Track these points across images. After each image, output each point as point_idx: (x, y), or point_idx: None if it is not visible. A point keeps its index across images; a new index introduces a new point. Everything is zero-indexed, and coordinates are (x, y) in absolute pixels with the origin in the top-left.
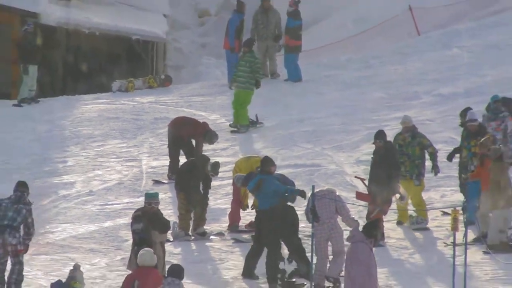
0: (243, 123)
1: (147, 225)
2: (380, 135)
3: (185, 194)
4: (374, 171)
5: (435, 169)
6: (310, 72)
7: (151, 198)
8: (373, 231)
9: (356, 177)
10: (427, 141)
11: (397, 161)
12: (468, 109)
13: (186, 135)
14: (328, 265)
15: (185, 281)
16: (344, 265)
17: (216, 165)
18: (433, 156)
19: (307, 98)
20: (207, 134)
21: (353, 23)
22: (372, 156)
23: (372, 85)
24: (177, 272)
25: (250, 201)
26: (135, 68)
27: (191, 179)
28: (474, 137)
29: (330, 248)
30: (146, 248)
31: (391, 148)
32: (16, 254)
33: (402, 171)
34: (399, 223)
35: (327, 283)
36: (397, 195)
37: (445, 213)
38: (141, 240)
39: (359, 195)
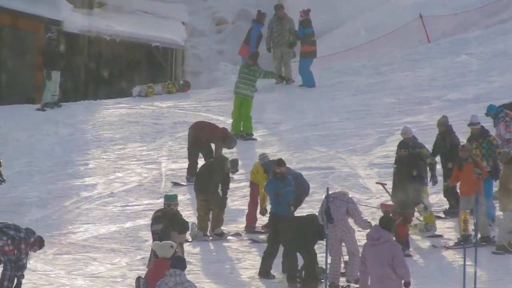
0: (249, 132)
1: (166, 226)
2: (404, 144)
3: (204, 195)
4: (397, 180)
5: (433, 179)
6: (323, 78)
7: (171, 200)
8: (392, 225)
9: (377, 182)
10: (426, 151)
11: (420, 171)
12: (442, 118)
13: (205, 139)
14: (342, 265)
15: (203, 280)
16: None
17: (235, 162)
18: (432, 166)
19: (321, 103)
20: (226, 139)
21: (365, 31)
22: (394, 165)
23: (383, 91)
24: (179, 263)
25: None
26: (155, 74)
27: (210, 180)
28: (476, 140)
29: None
30: (165, 241)
31: (414, 158)
32: (5, 253)
33: None
34: None
35: (342, 282)
36: (421, 205)
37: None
38: (160, 240)
39: (384, 206)
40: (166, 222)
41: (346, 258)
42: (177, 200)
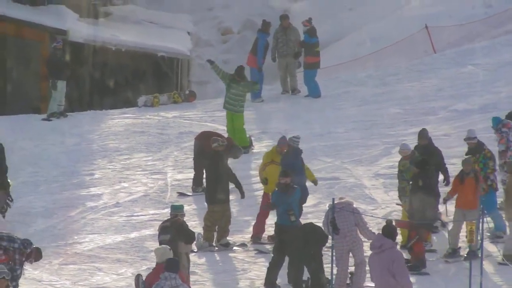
0: (245, 145)
1: (174, 236)
2: (419, 163)
3: (213, 207)
4: (413, 198)
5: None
6: (329, 88)
7: (177, 210)
8: (395, 233)
9: (397, 204)
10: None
11: (437, 188)
12: (424, 130)
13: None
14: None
15: None
16: (374, 274)
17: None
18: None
19: (327, 114)
20: (232, 148)
21: (371, 41)
22: (411, 182)
23: (389, 101)
24: (172, 266)
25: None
26: (160, 83)
27: (217, 189)
28: (473, 154)
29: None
30: (162, 246)
31: (430, 176)
32: None
33: (401, 196)
34: (404, 246)
35: None
36: (438, 222)
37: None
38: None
39: (398, 223)
40: (174, 232)
41: (352, 269)
42: (183, 210)
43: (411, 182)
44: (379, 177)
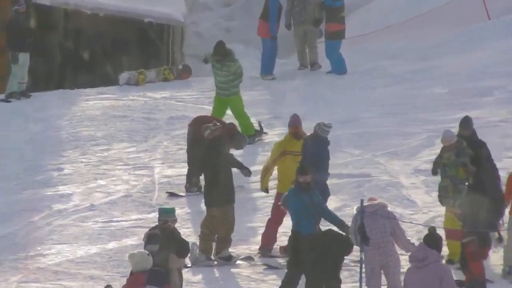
0: (250, 133)
1: (164, 246)
2: (476, 159)
3: (211, 210)
4: (469, 201)
5: None
6: (356, 62)
7: (167, 215)
8: (440, 243)
9: (448, 210)
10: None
11: (498, 189)
12: (467, 118)
13: None
14: None
15: None
16: None
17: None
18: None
19: (354, 94)
20: (234, 136)
21: (407, 4)
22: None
23: (430, 80)
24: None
25: None
26: (147, 57)
27: (218, 190)
28: None
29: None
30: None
31: (491, 175)
32: None
33: (442, 197)
34: (449, 261)
35: None
36: (495, 234)
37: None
38: (155, 265)
39: (448, 233)
40: (164, 242)
41: None
42: (175, 215)
43: (468, 182)
44: (420, 173)
